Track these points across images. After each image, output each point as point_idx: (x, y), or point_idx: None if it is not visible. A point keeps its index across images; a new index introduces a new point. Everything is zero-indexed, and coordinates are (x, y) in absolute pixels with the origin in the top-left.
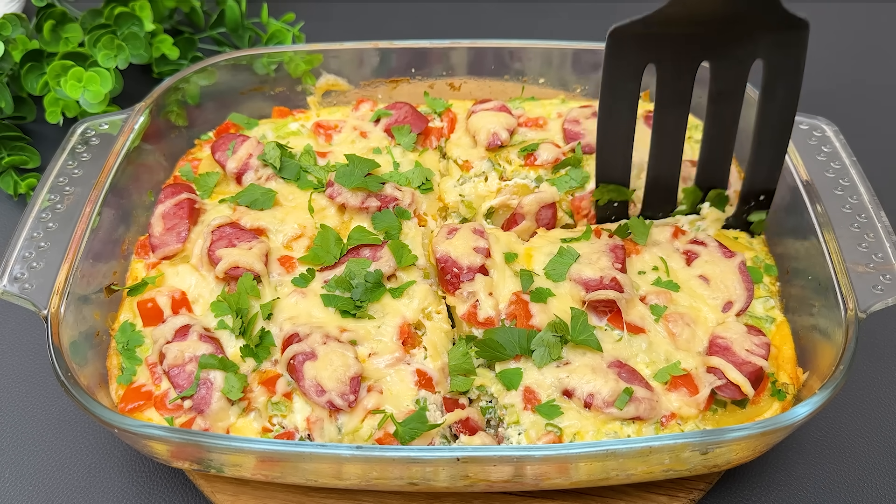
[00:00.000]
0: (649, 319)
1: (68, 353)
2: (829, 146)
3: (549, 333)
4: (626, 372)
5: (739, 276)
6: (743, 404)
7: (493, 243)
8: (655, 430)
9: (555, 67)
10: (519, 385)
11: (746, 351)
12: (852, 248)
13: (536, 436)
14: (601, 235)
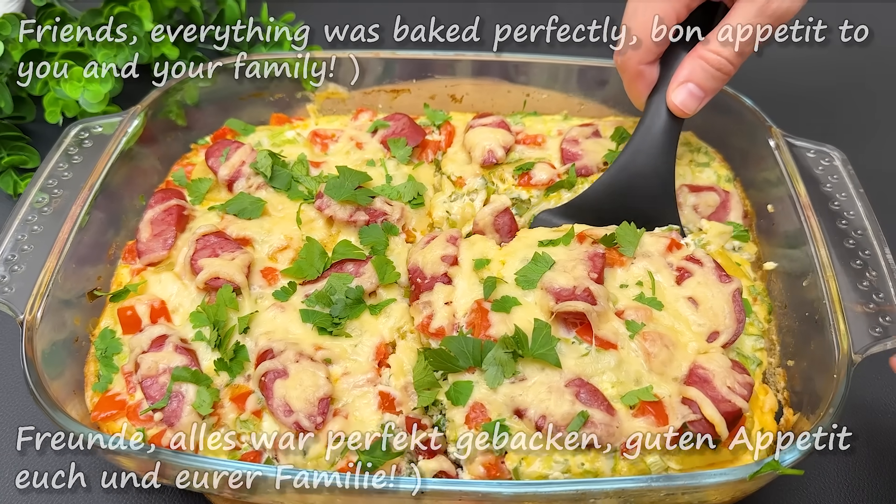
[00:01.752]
0: (623, 335)
1: (40, 361)
2: (836, 175)
3: (501, 350)
4: (587, 392)
5: (732, 306)
6: (715, 444)
7: (465, 249)
8: (614, 458)
9: (560, 83)
10: (467, 401)
11: (728, 388)
12: (852, 286)
13: (475, 455)
14: (584, 241)
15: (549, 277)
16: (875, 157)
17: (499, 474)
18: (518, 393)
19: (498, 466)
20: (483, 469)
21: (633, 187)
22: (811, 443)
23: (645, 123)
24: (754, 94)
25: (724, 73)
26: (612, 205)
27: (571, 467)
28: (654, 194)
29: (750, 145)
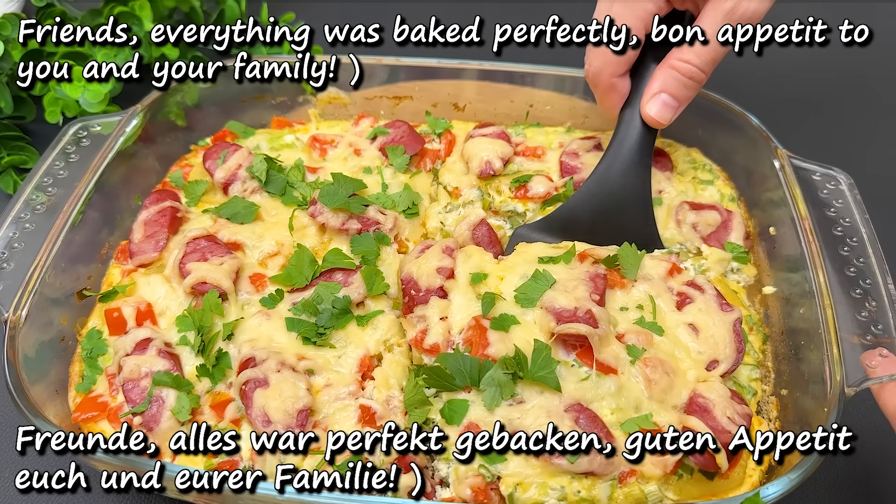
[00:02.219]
0: (624, 360)
1: (22, 362)
2: (841, 200)
3: (500, 371)
4: (586, 418)
5: (732, 336)
6: (711, 475)
7: (462, 262)
8: (611, 486)
9: (566, 93)
10: (462, 420)
11: (728, 418)
12: (850, 316)
13: (465, 475)
14: (585, 260)
15: (549, 297)
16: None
17: (486, 500)
18: (516, 416)
19: (486, 492)
20: (471, 492)
21: (608, 201)
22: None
23: (618, 136)
24: (754, 94)
25: (696, 80)
26: (589, 219)
27: (568, 495)
28: (630, 207)
29: (755, 164)
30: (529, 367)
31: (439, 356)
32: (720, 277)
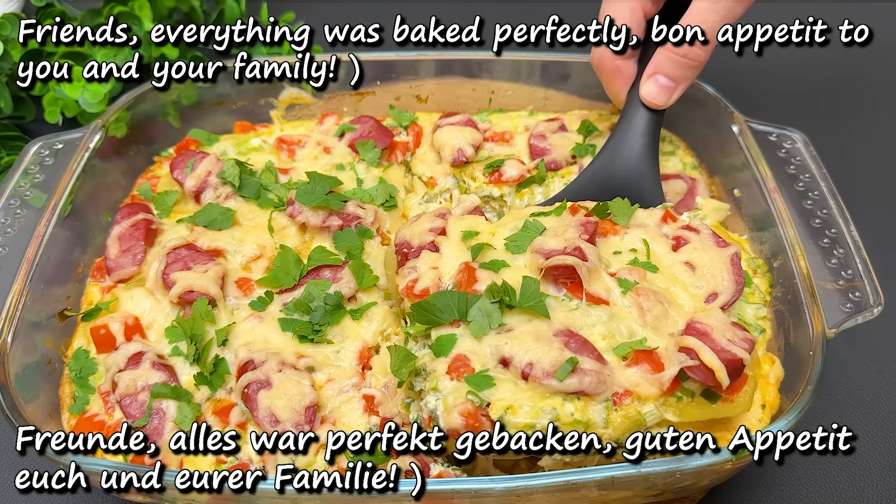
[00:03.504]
0: (615, 292)
1: (13, 385)
2: (798, 157)
3: (487, 301)
4: (576, 342)
5: (730, 268)
6: (713, 398)
7: (454, 223)
8: (606, 408)
9: (523, 78)
10: (450, 352)
11: (727, 340)
12: (821, 265)
13: (454, 403)
14: (577, 213)
15: (539, 241)
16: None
17: (478, 424)
18: (504, 342)
19: (477, 416)
20: (461, 419)
21: (615, 181)
22: (794, 420)
23: (625, 118)
24: (754, 94)
25: (692, 59)
26: (596, 199)
27: (560, 416)
28: (637, 187)
29: (713, 132)
30: (518, 300)
31: (430, 296)
32: (717, 224)
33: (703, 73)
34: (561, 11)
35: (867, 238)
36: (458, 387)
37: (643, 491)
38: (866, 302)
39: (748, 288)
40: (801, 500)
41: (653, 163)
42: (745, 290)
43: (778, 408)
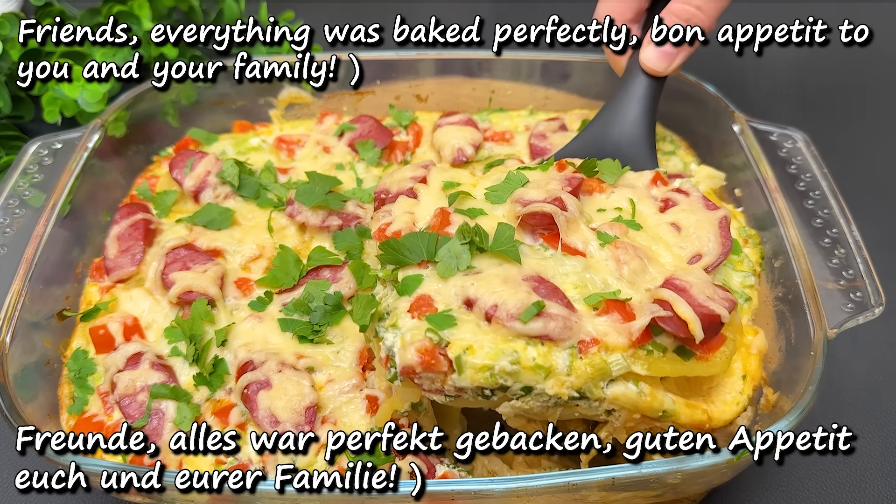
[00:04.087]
0: (593, 244)
1: (12, 386)
2: (799, 157)
3: (457, 242)
4: (546, 288)
5: (717, 230)
6: (686, 355)
7: (436, 173)
8: (571, 355)
9: (523, 77)
10: (413, 291)
11: (706, 296)
12: (822, 265)
13: (412, 340)
14: (564, 169)
15: (520, 191)
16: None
17: (434, 362)
18: (470, 283)
19: (434, 354)
20: (418, 356)
21: (610, 147)
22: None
23: (623, 86)
24: (755, 94)
25: (696, 23)
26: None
27: (521, 359)
28: (632, 157)
29: (714, 131)
30: (490, 244)
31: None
32: (710, 192)
33: (703, 73)
34: (561, 11)
35: (868, 238)
36: (419, 325)
37: (643, 492)
38: (867, 302)
39: (737, 256)
40: (802, 501)
41: (648, 130)
42: (734, 257)
43: (759, 379)
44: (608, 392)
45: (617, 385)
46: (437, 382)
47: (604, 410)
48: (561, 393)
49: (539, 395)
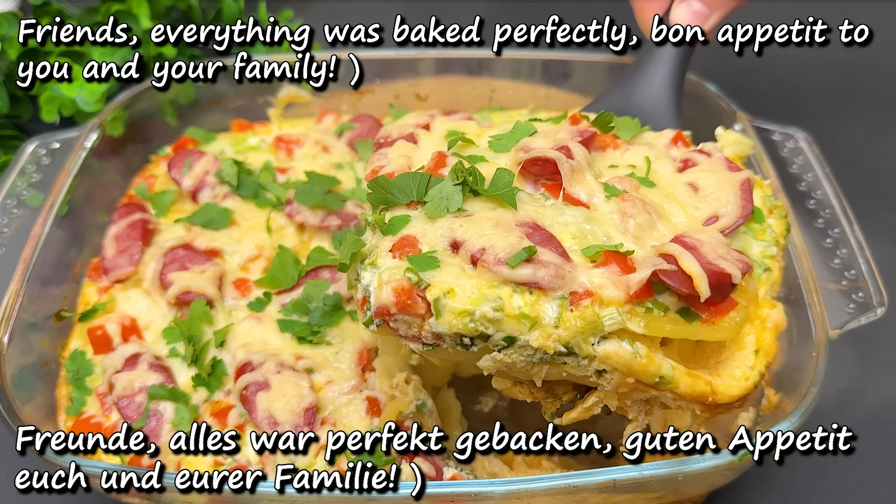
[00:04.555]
0: (599, 196)
1: (10, 387)
2: (801, 157)
3: (450, 182)
4: (541, 235)
5: (739, 192)
6: (690, 316)
7: (440, 122)
8: (560, 306)
9: (524, 76)
10: (398, 231)
11: (718, 255)
12: (824, 265)
13: (389, 279)
14: (579, 123)
15: (526, 140)
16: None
17: (410, 303)
18: (459, 225)
19: (411, 295)
20: (393, 295)
21: (630, 112)
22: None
23: (650, 48)
24: (756, 94)
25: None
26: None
27: (505, 307)
28: (656, 119)
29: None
30: (487, 188)
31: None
32: (735, 156)
33: (704, 72)
34: (561, 11)
35: (870, 238)
36: (399, 265)
37: (644, 493)
38: (870, 302)
39: (759, 224)
40: (803, 502)
41: (674, 92)
42: (756, 225)
43: (773, 355)
44: (599, 349)
45: (610, 343)
46: (415, 327)
47: (594, 371)
48: (546, 346)
49: (523, 347)
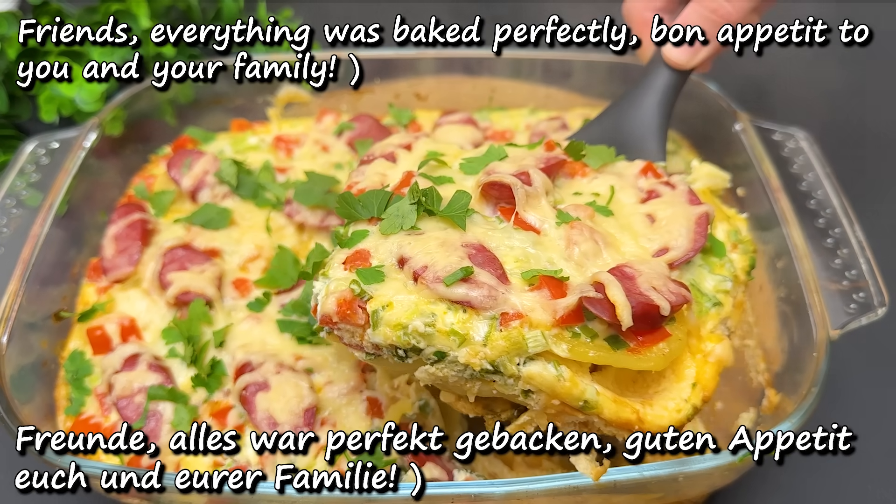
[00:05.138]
0: (549, 222)
1: (9, 387)
2: (802, 157)
3: (407, 201)
4: (484, 257)
5: (693, 226)
6: (617, 344)
7: (423, 143)
8: (490, 326)
9: (524, 76)
10: (354, 245)
11: (652, 287)
12: (825, 265)
13: (335, 289)
14: (553, 150)
15: (494, 164)
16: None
17: (349, 313)
18: (408, 242)
19: (352, 306)
20: (336, 305)
21: (618, 140)
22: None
23: (644, 76)
24: (754, 93)
25: (721, 16)
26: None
27: (437, 323)
28: (641, 148)
29: (716, 131)
30: (442, 208)
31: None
32: (707, 191)
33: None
34: (561, 11)
35: (871, 238)
36: (347, 277)
37: (645, 494)
38: (871, 303)
39: (718, 258)
40: (801, 500)
41: (661, 122)
42: (715, 259)
43: (713, 391)
44: (524, 370)
45: (535, 364)
46: (357, 337)
47: (521, 391)
48: (473, 363)
49: (452, 362)
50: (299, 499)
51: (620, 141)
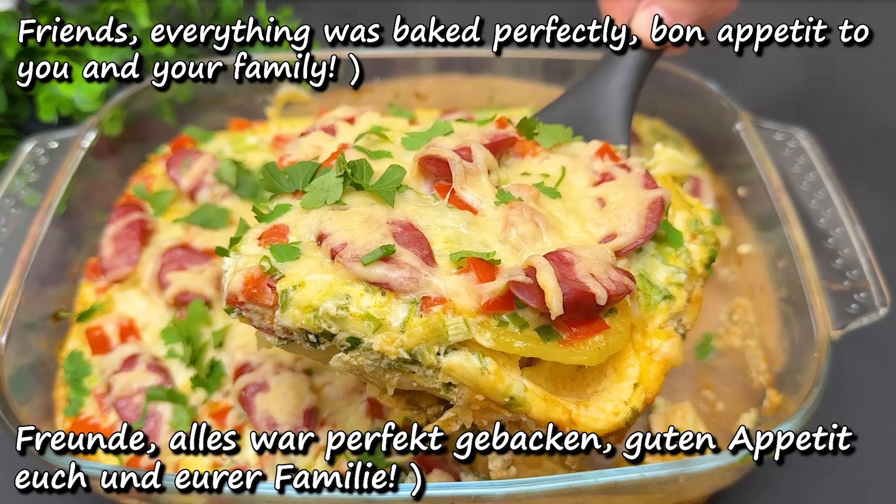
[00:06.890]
0: (487, 202)
1: (7, 387)
2: (803, 157)
3: (333, 174)
4: (410, 236)
5: (644, 211)
6: (548, 335)
7: (367, 117)
8: (409, 311)
9: (524, 75)
10: (272, 220)
11: (590, 274)
12: (826, 265)
13: (243, 266)
14: (505, 127)
15: (437, 139)
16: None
17: (256, 292)
18: (328, 217)
19: (260, 285)
20: (243, 283)
21: (584, 116)
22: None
23: (607, 55)
24: (753, 93)
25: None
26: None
27: (350, 305)
28: (603, 129)
29: (718, 130)
30: (372, 184)
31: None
32: (667, 175)
33: (705, 72)
34: (561, 11)
35: (873, 238)
36: (259, 253)
37: (645, 495)
38: (872, 303)
39: (674, 248)
40: (801, 500)
41: (626, 103)
42: (669, 249)
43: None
44: (444, 360)
45: (457, 354)
46: (267, 319)
47: (441, 383)
48: (388, 351)
49: (367, 350)
50: (299, 499)
51: (582, 121)
